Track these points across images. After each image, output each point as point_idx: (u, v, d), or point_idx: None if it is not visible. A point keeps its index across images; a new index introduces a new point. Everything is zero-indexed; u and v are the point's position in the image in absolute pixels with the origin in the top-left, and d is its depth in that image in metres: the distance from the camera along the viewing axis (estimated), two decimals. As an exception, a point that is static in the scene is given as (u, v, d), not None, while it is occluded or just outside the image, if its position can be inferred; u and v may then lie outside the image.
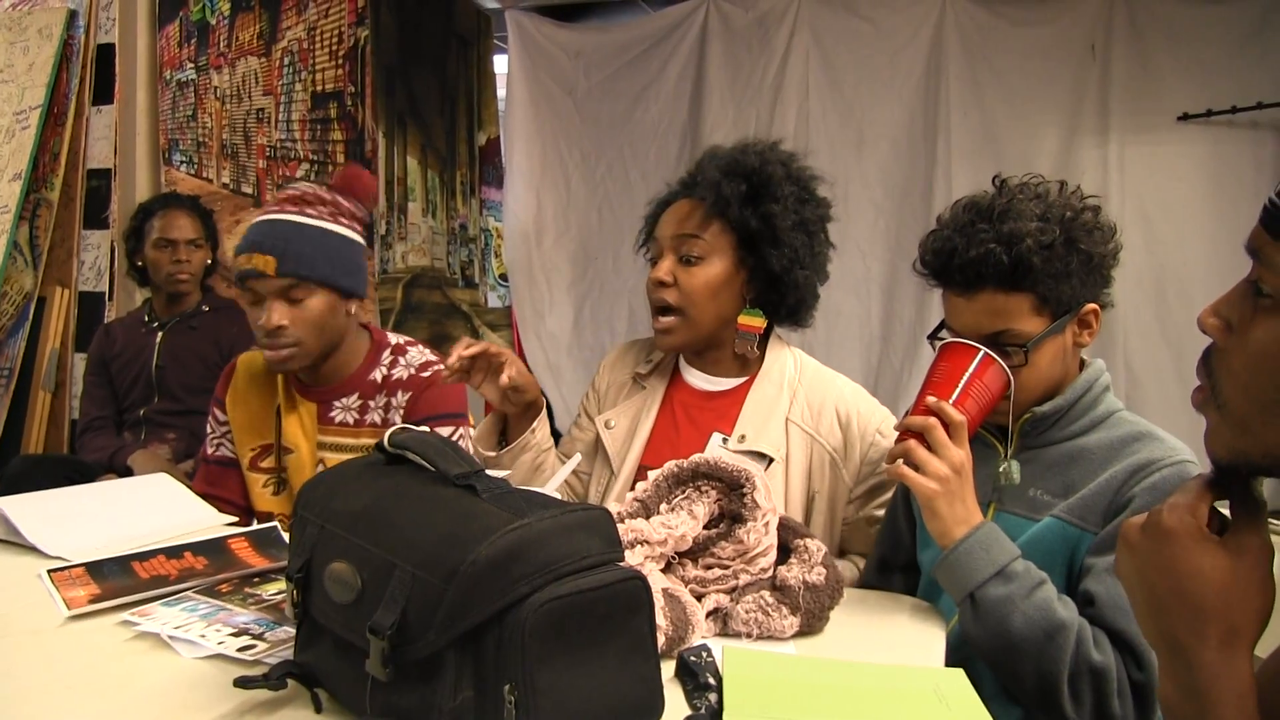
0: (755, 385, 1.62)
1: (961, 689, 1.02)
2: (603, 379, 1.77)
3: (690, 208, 1.61)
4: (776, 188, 1.56)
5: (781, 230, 1.55)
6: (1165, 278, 3.33)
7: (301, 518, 0.95)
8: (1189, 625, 0.72)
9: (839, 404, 1.60)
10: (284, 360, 1.68)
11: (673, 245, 1.60)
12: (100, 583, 1.27)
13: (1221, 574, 0.71)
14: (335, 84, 3.44)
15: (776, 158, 1.60)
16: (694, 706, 0.97)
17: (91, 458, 2.67)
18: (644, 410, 1.66)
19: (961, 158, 3.55)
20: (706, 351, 1.66)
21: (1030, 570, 1.22)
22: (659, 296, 1.60)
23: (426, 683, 0.80)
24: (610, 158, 4.04)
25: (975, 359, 1.28)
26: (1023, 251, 1.26)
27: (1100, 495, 1.27)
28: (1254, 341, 0.70)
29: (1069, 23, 3.44)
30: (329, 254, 1.69)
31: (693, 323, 1.59)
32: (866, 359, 3.83)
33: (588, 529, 0.84)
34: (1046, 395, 1.35)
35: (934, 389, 1.29)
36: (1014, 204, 1.31)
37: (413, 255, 3.80)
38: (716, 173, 1.58)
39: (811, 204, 1.61)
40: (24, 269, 3.62)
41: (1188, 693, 0.72)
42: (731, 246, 1.59)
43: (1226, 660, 0.71)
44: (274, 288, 1.66)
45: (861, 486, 1.59)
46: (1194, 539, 0.73)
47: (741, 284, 1.61)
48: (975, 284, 1.30)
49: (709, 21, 3.88)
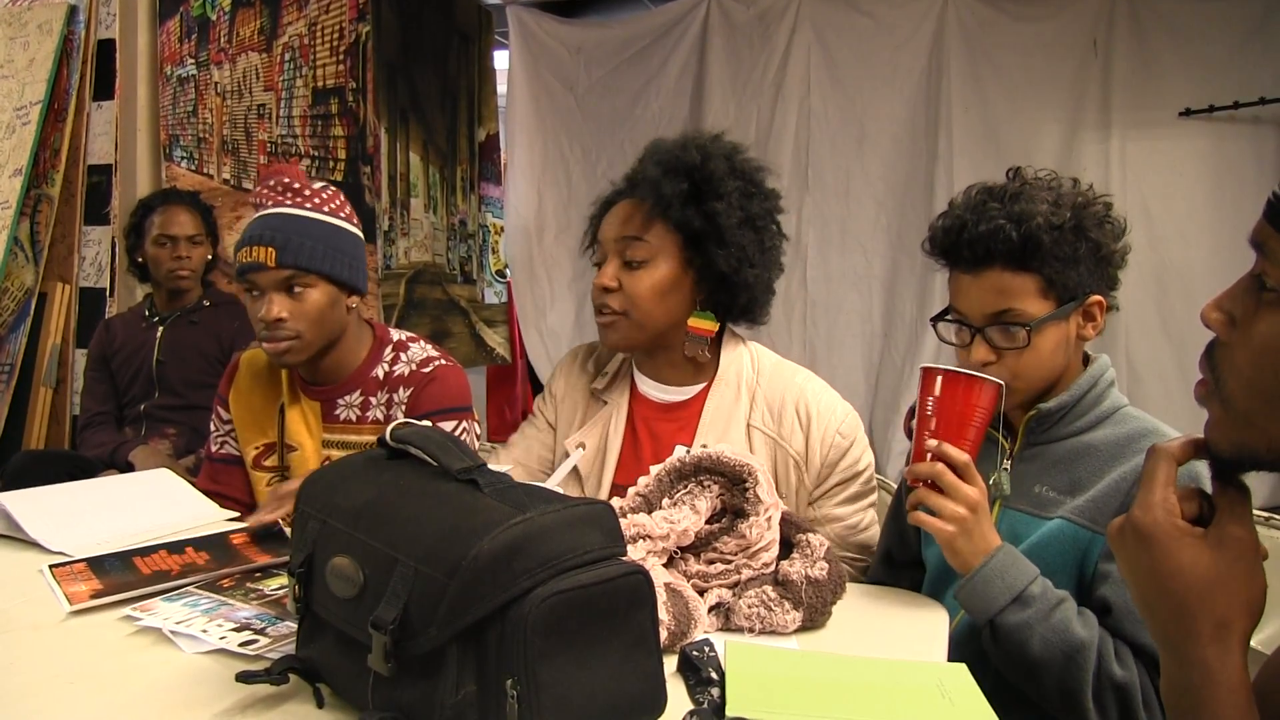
0: (712, 391, 1.58)
1: (965, 684, 1.02)
2: (558, 383, 1.72)
3: (632, 209, 1.55)
4: (720, 184, 1.50)
5: (727, 229, 1.49)
6: (1167, 273, 3.33)
7: (303, 513, 0.95)
8: (1177, 623, 0.72)
9: (799, 403, 1.55)
10: (283, 353, 1.67)
11: (616, 249, 1.54)
12: (102, 578, 1.27)
13: (1202, 570, 0.71)
14: (336, 80, 3.44)
15: (719, 151, 1.53)
16: (696, 701, 0.97)
17: (92, 453, 2.67)
18: (610, 429, 1.61)
19: (963, 153, 3.55)
20: (657, 353, 1.61)
21: (1047, 591, 1.21)
22: (603, 303, 1.55)
23: (428, 678, 0.80)
24: (611, 154, 4.04)
25: (968, 386, 1.24)
26: (1032, 229, 1.26)
27: (1110, 497, 1.26)
28: (1257, 336, 0.69)
29: (1070, 18, 3.44)
30: (329, 246, 1.68)
31: (638, 324, 1.54)
32: (868, 355, 3.83)
33: (590, 524, 0.84)
34: (1047, 385, 1.34)
35: (931, 426, 1.25)
36: (1026, 188, 1.32)
37: (415, 251, 3.79)
38: (657, 171, 1.51)
39: (759, 198, 1.55)
40: (25, 265, 3.62)
41: (1182, 689, 0.72)
42: (677, 247, 1.52)
43: (1218, 655, 0.71)
44: (273, 279, 1.65)
45: (820, 488, 1.55)
46: (1170, 536, 0.72)
47: (690, 285, 1.55)
48: (983, 261, 1.30)
49: (710, 17, 3.88)
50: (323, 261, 1.67)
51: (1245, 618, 0.71)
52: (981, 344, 1.32)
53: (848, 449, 1.55)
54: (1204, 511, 0.76)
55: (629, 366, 1.67)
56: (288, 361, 1.69)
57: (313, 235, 1.67)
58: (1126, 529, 0.75)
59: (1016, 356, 1.30)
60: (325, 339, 1.71)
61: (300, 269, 1.65)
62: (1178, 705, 0.73)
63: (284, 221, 1.67)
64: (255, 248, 1.64)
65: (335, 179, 3.44)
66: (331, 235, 1.70)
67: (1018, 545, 1.32)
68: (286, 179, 1.71)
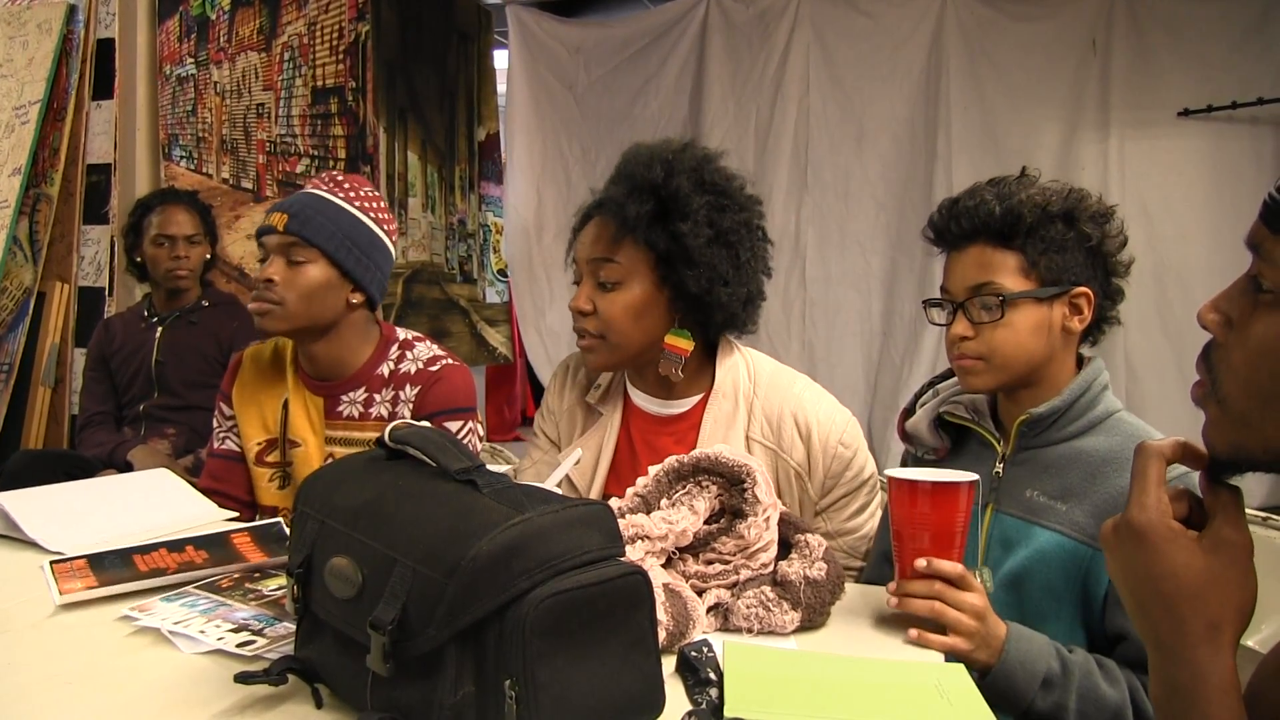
0: (710, 404, 1.55)
1: (963, 685, 1.02)
2: (554, 400, 1.70)
3: (602, 228, 1.50)
4: (685, 203, 1.44)
5: (695, 250, 1.44)
6: (1165, 273, 3.33)
7: (302, 513, 0.95)
8: (1170, 624, 0.72)
9: (797, 413, 1.52)
10: (262, 314, 1.69)
11: (589, 269, 1.51)
12: (100, 575, 1.27)
13: (1196, 572, 0.72)
14: (336, 79, 3.44)
15: (685, 166, 1.47)
16: (695, 702, 0.97)
17: (91, 453, 2.67)
18: (604, 440, 1.59)
19: (962, 153, 3.56)
20: (645, 369, 1.58)
21: (1068, 664, 1.18)
22: (579, 326, 1.52)
23: (427, 678, 0.80)
24: (611, 153, 4.02)
25: (950, 493, 1.17)
26: (1014, 204, 1.30)
27: (1109, 511, 1.24)
28: (1254, 337, 0.70)
29: (1069, 18, 3.45)
30: (342, 232, 1.71)
31: (616, 347, 1.50)
32: (867, 353, 3.83)
33: (588, 524, 0.84)
34: (1025, 370, 1.34)
35: (919, 543, 1.18)
36: (1026, 179, 1.36)
37: (413, 251, 3.79)
38: (622, 191, 1.46)
39: (731, 210, 1.49)
40: (24, 264, 3.62)
41: (1173, 689, 0.72)
42: (649, 267, 1.48)
43: (1209, 656, 0.71)
44: (278, 243, 1.69)
45: (827, 499, 1.54)
46: (1165, 538, 0.73)
47: (665, 304, 1.50)
48: (969, 237, 1.34)
49: (709, 17, 3.88)
50: (328, 240, 1.69)
51: (1236, 620, 0.72)
52: (961, 319, 1.34)
53: (851, 459, 1.54)
54: (1193, 512, 0.76)
55: (621, 378, 1.65)
56: (265, 326, 1.71)
57: (330, 217, 1.70)
58: (1122, 528, 0.75)
59: (992, 331, 1.32)
60: (309, 319, 1.71)
61: (303, 239, 1.68)
62: (1167, 706, 0.73)
63: (309, 199, 1.72)
64: (273, 214, 1.69)
65: (334, 178, 3.44)
66: (350, 225, 1.73)
67: (1009, 551, 1.32)
68: (341, 177, 1.77)
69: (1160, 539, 0.73)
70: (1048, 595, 1.26)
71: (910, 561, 1.18)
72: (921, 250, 3.55)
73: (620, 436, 1.60)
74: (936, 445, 1.47)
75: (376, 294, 1.80)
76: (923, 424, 1.48)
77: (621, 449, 1.59)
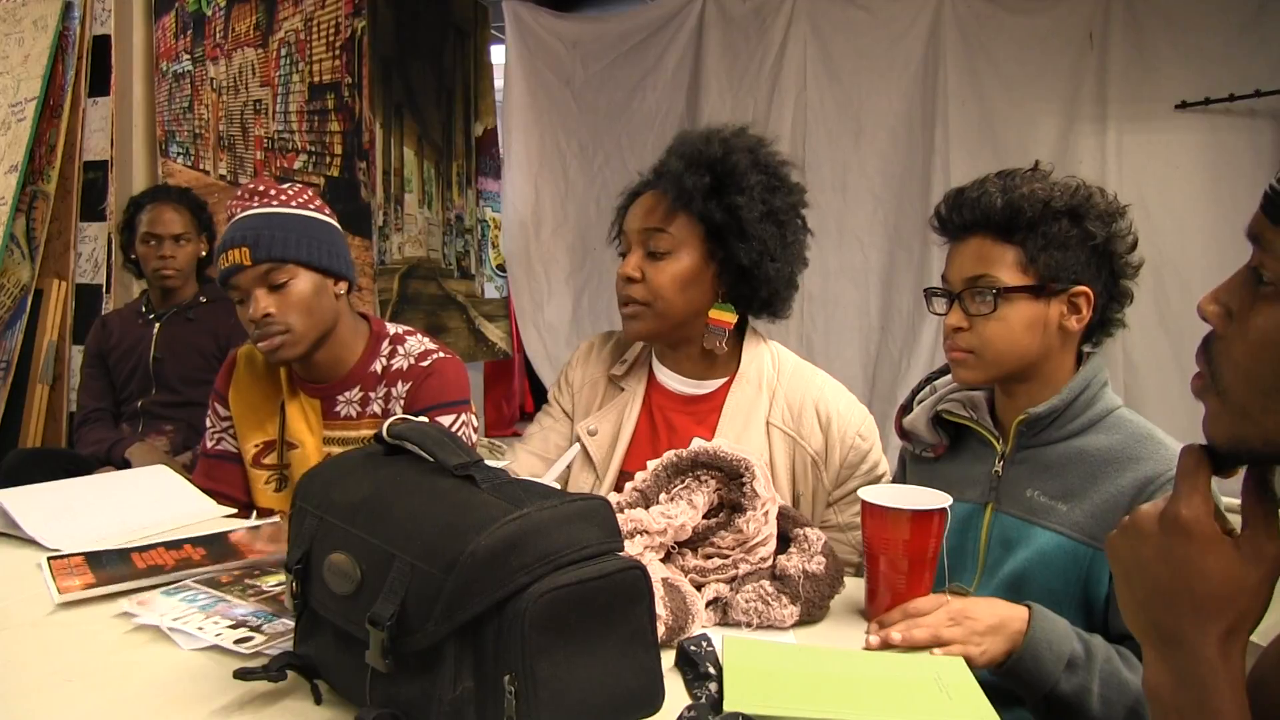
0: (733, 388, 1.59)
1: (962, 678, 1.02)
2: (575, 373, 1.72)
3: (656, 200, 1.56)
4: (742, 178, 1.50)
5: (748, 223, 1.49)
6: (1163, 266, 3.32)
7: (300, 509, 0.95)
8: (1193, 621, 0.72)
9: (819, 403, 1.56)
10: (276, 348, 1.66)
11: (640, 239, 1.56)
12: (97, 572, 1.27)
13: (1231, 579, 0.71)
14: (332, 75, 3.43)
15: (742, 145, 1.54)
16: (694, 696, 0.97)
17: (89, 450, 2.66)
18: (625, 415, 1.62)
19: (959, 146, 3.55)
20: (679, 345, 1.62)
21: (1090, 647, 1.17)
22: (626, 293, 1.56)
23: (426, 674, 0.80)
24: (608, 148, 4.03)
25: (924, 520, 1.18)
26: (1015, 198, 1.30)
27: (1111, 511, 1.25)
28: (1254, 329, 0.69)
29: (1066, 11, 3.44)
30: (301, 235, 1.68)
31: (661, 315, 1.55)
32: (865, 348, 3.83)
33: (587, 519, 0.84)
34: (1018, 365, 1.34)
35: (899, 568, 1.19)
36: (1036, 174, 1.35)
37: (409, 246, 3.79)
38: (679, 164, 1.52)
39: (782, 192, 1.55)
40: (21, 262, 3.62)
41: (1185, 681, 0.72)
42: (699, 239, 1.53)
43: (1224, 654, 0.71)
44: (253, 277, 1.64)
45: (840, 490, 1.57)
46: (1209, 538, 0.72)
47: (712, 277, 1.56)
48: (970, 228, 1.34)
49: (706, 11, 3.87)
50: (297, 250, 1.67)
51: (1251, 622, 0.72)
52: (957, 309, 1.35)
53: (867, 452, 1.57)
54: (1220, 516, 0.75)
55: (648, 354, 1.68)
56: (283, 357, 1.68)
57: (283, 227, 1.67)
58: (1167, 520, 0.73)
59: (984, 323, 1.32)
60: (317, 329, 1.70)
61: (276, 260, 1.65)
62: (1174, 696, 0.73)
63: (253, 220, 1.67)
64: (230, 251, 1.64)
65: (331, 174, 3.44)
66: (303, 225, 1.70)
67: (1009, 551, 1.32)
68: (253, 185, 1.73)
69: (1204, 538, 0.72)
70: (1048, 597, 1.26)
71: (890, 586, 1.19)
72: (919, 244, 3.55)
73: (641, 413, 1.62)
74: (934, 443, 1.47)
75: (353, 276, 1.80)
76: (920, 421, 1.48)
77: (642, 425, 1.62)
